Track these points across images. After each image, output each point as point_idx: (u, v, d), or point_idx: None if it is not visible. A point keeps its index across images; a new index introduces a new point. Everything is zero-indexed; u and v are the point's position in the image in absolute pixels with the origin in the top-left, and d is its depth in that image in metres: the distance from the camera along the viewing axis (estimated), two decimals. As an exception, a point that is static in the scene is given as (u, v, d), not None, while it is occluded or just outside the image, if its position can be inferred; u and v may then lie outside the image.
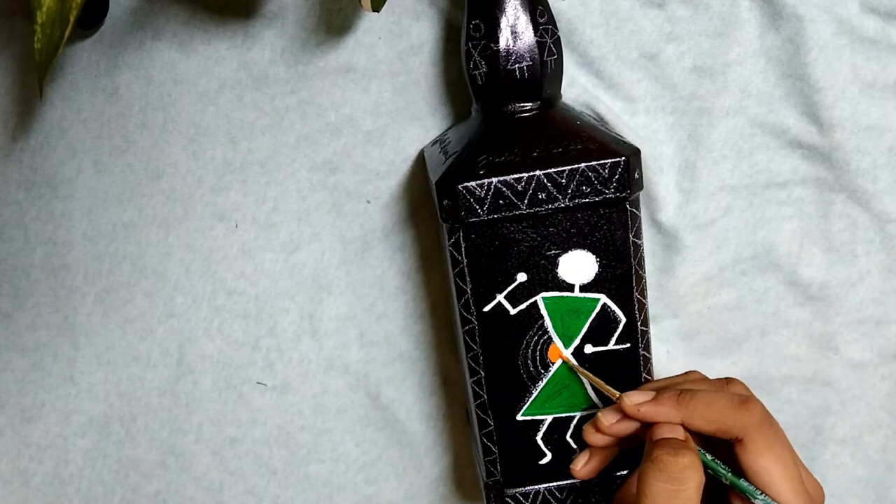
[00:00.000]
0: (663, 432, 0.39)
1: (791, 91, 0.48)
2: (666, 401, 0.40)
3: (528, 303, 0.43)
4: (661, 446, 0.38)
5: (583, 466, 0.43)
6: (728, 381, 0.42)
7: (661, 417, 0.39)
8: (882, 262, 0.52)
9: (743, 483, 0.39)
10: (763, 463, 0.38)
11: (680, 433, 0.39)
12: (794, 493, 0.38)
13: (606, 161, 0.40)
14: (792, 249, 0.51)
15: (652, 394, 0.40)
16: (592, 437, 0.42)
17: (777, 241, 0.51)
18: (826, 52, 0.47)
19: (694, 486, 0.37)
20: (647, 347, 0.45)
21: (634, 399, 0.40)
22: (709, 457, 0.39)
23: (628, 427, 0.41)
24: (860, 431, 0.55)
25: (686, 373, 0.44)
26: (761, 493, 0.38)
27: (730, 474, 0.39)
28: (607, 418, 0.41)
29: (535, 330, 0.43)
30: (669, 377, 0.44)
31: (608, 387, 0.42)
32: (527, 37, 0.42)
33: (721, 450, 0.40)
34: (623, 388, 0.42)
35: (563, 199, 0.41)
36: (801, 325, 0.53)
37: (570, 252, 0.42)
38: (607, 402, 0.44)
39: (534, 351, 0.44)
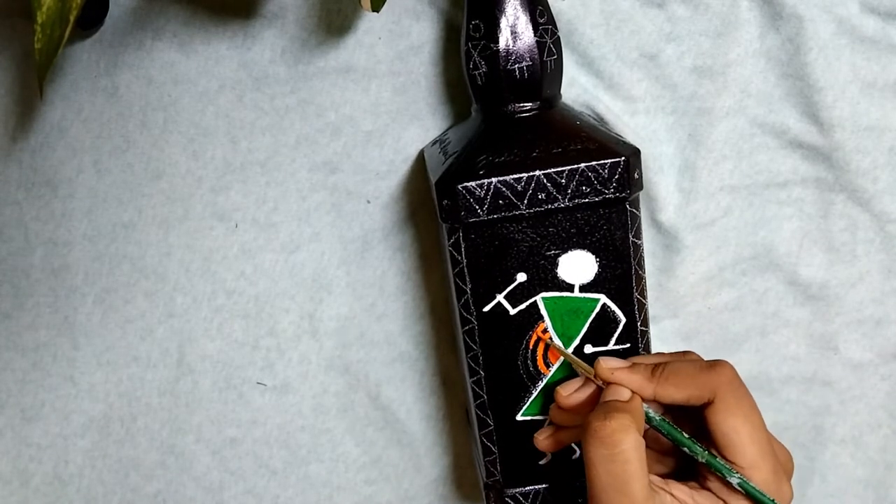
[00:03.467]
0: (607, 395, 0.40)
1: (791, 91, 0.48)
2: (640, 370, 0.40)
3: (527, 303, 0.43)
4: (593, 413, 0.38)
5: (545, 438, 0.44)
6: (685, 353, 0.43)
7: (633, 385, 0.40)
8: (882, 262, 0.52)
9: (718, 462, 0.39)
10: (732, 423, 0.39)
11: (625, 394, 0.39)
12: (761, 454, 0.38)
13: (606, 161, 0.40)
14: (792, 249, 0.51)
15: (628, 362, 0.41)
16: (550, 413, 0.43)
17: (777, 241, 0.51)
18: (826, 52, 0.47)
19: (629, 447, 0.36)
20: (648, 347, 0.45)
21: (610, 364, 0.41)
22: (685, 435, 0.39)
23: (582, 396, 0.41)
24: (860, 431, 0.55)
25: (683, 352, 0.44)
26: (736, 472, 0.38)
27: (706, 453, 0.39)
28: (565, 389, 0.42)
29: (534, 330, 0.43)
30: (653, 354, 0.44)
31: (583, 363, 0.42)
32: (527, 37, 0.42)
33: (693, 419, 0.40)
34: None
35: (563, 199, 0.41)
36: (801, 325, 0.53)
37: (569, 252, 0.42)
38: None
39: (534, 351, 0.44)
